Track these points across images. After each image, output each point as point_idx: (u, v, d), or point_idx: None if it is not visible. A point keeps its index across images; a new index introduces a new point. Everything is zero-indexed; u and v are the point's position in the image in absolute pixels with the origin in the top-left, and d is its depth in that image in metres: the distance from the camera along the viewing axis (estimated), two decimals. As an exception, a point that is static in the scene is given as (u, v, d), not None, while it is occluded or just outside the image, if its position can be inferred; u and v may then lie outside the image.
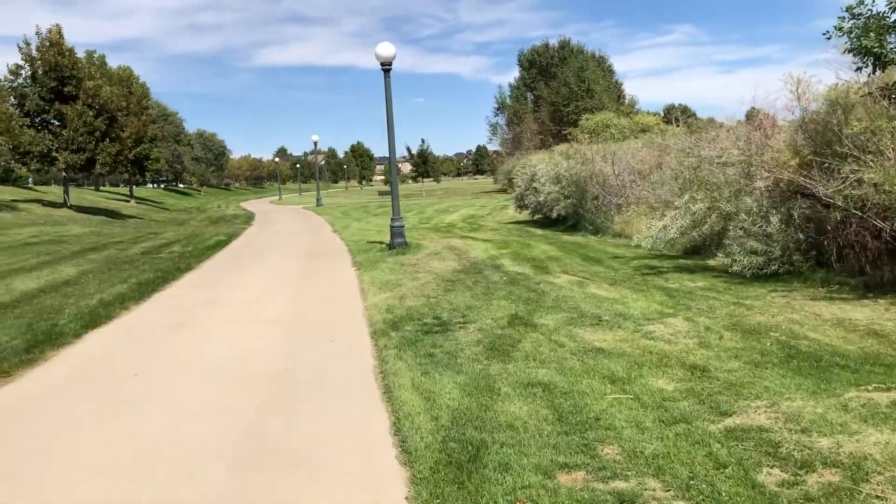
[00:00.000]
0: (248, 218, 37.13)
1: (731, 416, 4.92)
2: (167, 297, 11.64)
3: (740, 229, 10.62)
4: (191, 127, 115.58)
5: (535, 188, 24.30)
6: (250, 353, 7.48)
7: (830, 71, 10.04)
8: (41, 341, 8.07)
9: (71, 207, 32.27)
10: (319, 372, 6.66)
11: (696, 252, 13.75)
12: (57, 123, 30.08)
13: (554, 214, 22.82)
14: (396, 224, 17.05)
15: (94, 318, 9.44)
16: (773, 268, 10.28)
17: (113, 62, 48.90)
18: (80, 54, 32.44)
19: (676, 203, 11.60)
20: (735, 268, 10.66)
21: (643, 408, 5.16)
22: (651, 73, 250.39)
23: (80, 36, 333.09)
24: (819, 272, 10.06)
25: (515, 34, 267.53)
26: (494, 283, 11.16)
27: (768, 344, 6.77)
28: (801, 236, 10.08)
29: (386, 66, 16.46)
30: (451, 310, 9.14)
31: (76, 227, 26.23)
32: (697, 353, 6.57)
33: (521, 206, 26.40)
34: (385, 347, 7.27)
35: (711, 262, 13.02)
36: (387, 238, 19.53)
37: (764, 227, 10.28)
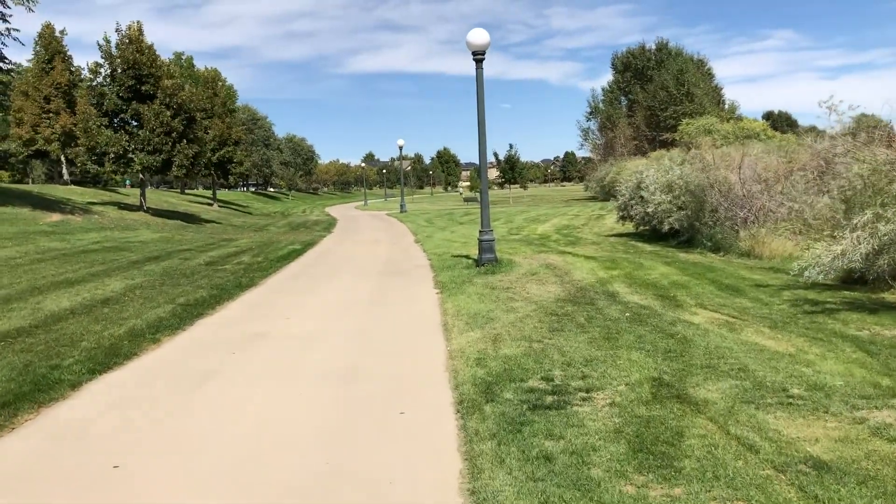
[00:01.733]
0: (330, 224, 35.55)
1: None
2: (212, 325, 9.65)
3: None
4: (281, 132, 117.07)
5: (641, 197, 21.53)
6: (282, 438, 5.24)
7: None
8: (22, 396, 6.10)
9: (147, 211, 31.35)
10: (375, 484, 4.36)
11: (858, 281, 10.87)
12: (134, 123, 29.13)
13: (665, 228, 19.99)
14: (486, 238, 14.73)
15: (110, 358, 7.47)
16: None
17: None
18: (168, 57, 31.66)
19: (854, 221, 8.82)
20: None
21: None
22: (747, 80, 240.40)
23: (184, 44, 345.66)
24: None
25: (607, 40, 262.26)
26: (614, 322, 8.65)
27: None
28: None
29: (478, 56, 14.20)
30: (563, 363, 6.73)
31: (146, 232, 25.05)
32: None
33: (625, 218, 23.61)
34: (477, 436, 4.92)
35: (888, 297, 10.15)
36: (473, 252, 17.23)
37: None
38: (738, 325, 8.27)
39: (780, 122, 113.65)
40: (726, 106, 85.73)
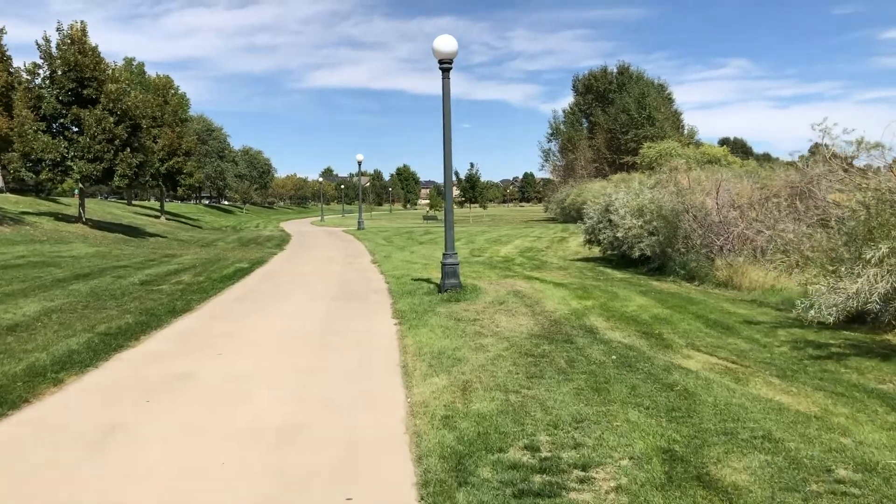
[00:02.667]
0: (283, 241, 33.99)
1: None
2: (132, 360, 8.24)
3: None
4: (239, 144, 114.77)
5: (610, 221, 20.61)
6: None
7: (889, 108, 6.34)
8: None
9: (86, 222, 29.38)
10: None
11: (856, 320, 9.94)
12: (74, 129, 27.26)
13: (635, 253, 19.05)
14: (450, 262, 13.54)
15: (-13, 409, 6.06)
16: None
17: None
18: (112, 61, 29.80)
19: (869, 256, 7.84)
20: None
21: None
22: (703, 107, 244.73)
23: (142, 54, 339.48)
24: None
25: (566, 63, 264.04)
26: (600, 366, 7.51)
27: None
28: None
29: (445, 65, 13.09)
30: (549, 425, 5.54)
31: (81, 245, 23.24)
32: None
33: (593, 242, 22.65)
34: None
35: (892, 339, 9.23)
36: (435, 275, 16.03)
37: None
38: (743, 374, 7.18)
39: (735, 148, 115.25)
40: (685, 131, 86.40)
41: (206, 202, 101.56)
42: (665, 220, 18.20)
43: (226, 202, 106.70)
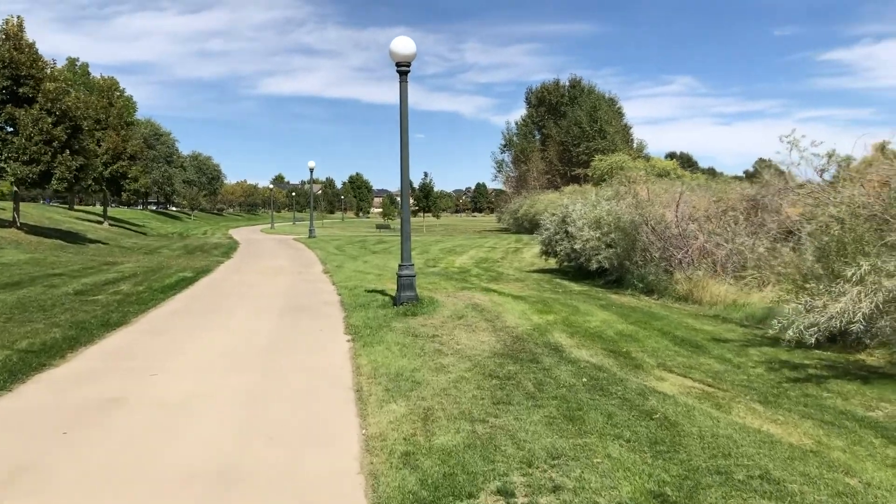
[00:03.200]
0: (230, 249, 32.87)
1: None
2: (53, 382, 7.40)
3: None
4: (189, 149, 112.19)
5: (567, 232, 20.23)
6: None
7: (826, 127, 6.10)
8: None
9: (21, 227, 27.86)
10: None
11: (829, 339, 9.60)
12: (9, 129, 25.82)
13: (593, 266, 18.70)
14: (406, 273, 12.92)
15: None
16: None
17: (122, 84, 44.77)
18: (51, 59, 28.35)
19: (850, 273, 7.46)
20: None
21: None
22: (650, 122, 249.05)
23: (90, 57, 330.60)
24: None
25: (518, 77, 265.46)
26: (570, 390, 6.96)
27: None
28: None
29: (403, 68, 12.50)
30: (523, 462, 4.95)
31: (13, 252, 21.90)
32: None
33: (549, 253, 22.26)
34: None
35: (867, 359, 8.92)
36: (390, 286, 15.40)
37: None
38: (723, 400, 6.71)
39: (682, 162, 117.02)
40: (635, 145, 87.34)
41: (153, 208, 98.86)
42: (623, 232, 17.88)
43: (173, 208, 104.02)
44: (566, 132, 76.55)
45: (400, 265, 13.06)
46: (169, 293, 14.87)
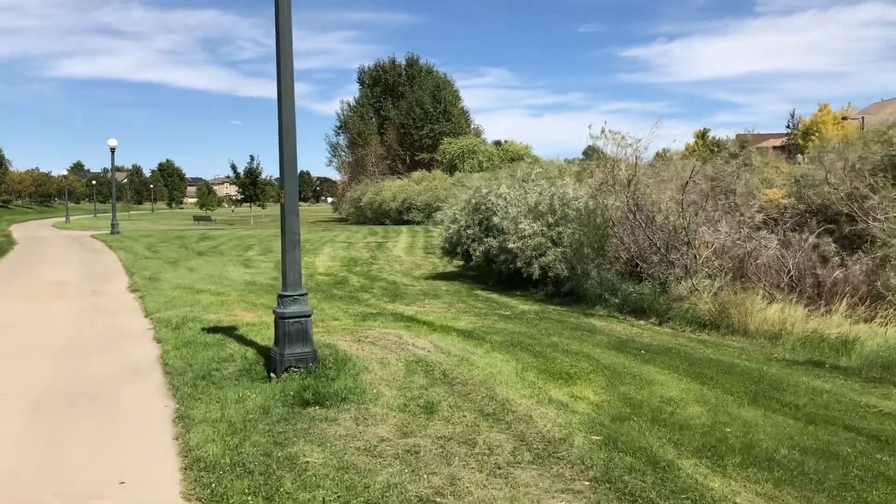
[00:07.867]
0: (0, 251, 24.20)
1: None
2: None
3: None
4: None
5: (490, 226, 14.58)
6: None
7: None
8: None
9: None
10: None
11: None
12: None
13: (534, 271, 13.22)
14: (293, 310, 6.74)
15: None
16: None
17: None
18: None
19: None
20: None
21: None
22: (472, 111, 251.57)
23: None
24: None
25: (337, 64, 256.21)
26: None
27: None
28: None
29: None
30: None
31: None
32: None
33: (454, 254, 16.50)
34: None
35: None
36: (246, 317, 9.25)
37: None
38: None
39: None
40: (473, 129, 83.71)
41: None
42: (583, 224, 12.54)
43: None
44: (406, 114, 71.04)
45: (280, 294, 6.80)
46: None
